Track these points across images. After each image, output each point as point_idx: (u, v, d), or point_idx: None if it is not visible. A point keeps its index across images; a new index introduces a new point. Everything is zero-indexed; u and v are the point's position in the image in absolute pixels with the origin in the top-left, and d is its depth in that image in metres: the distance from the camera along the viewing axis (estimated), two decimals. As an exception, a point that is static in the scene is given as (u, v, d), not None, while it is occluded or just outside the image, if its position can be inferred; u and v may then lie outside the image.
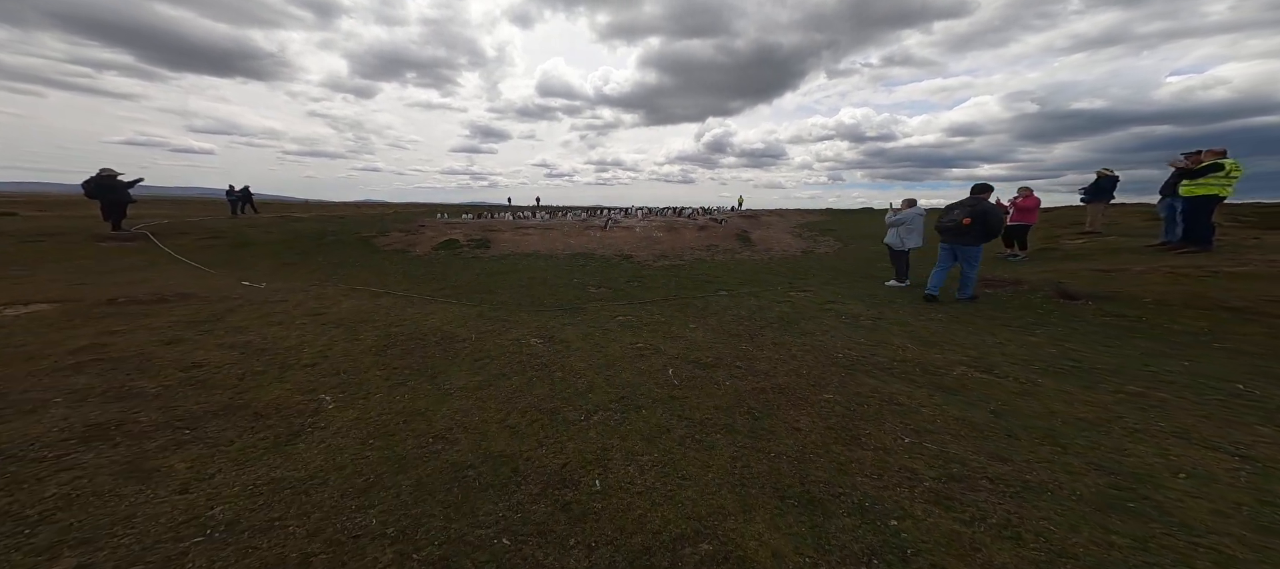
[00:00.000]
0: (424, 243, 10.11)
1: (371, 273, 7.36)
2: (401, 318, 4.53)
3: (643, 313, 4.96)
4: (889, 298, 5.42)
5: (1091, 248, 7.80)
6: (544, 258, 9.35)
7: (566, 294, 6.02)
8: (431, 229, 12.03)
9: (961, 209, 4.98)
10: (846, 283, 6.53)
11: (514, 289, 6.33)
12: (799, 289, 6.12)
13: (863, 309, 4.87)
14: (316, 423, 2.39)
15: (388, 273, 7.38)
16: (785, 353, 3.56)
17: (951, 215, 5.04)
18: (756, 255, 10.45)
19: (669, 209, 22.21)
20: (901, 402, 2.65)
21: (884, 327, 4.20)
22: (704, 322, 4.56)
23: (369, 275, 7.12)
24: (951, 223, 4.99)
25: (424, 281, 6.77)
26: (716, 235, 13.10)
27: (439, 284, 6.64)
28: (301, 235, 10.22)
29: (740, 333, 4.14)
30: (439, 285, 6.53)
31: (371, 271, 7.46)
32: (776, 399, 2.76)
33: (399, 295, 5.75)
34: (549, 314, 4.94)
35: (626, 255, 9.94)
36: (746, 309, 5.04)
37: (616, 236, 12.64)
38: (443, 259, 8.85)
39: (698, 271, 7.89)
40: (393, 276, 7.08)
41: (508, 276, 7.27)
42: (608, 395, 2.85)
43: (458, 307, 5.23)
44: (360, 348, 3.48)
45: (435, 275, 7.29)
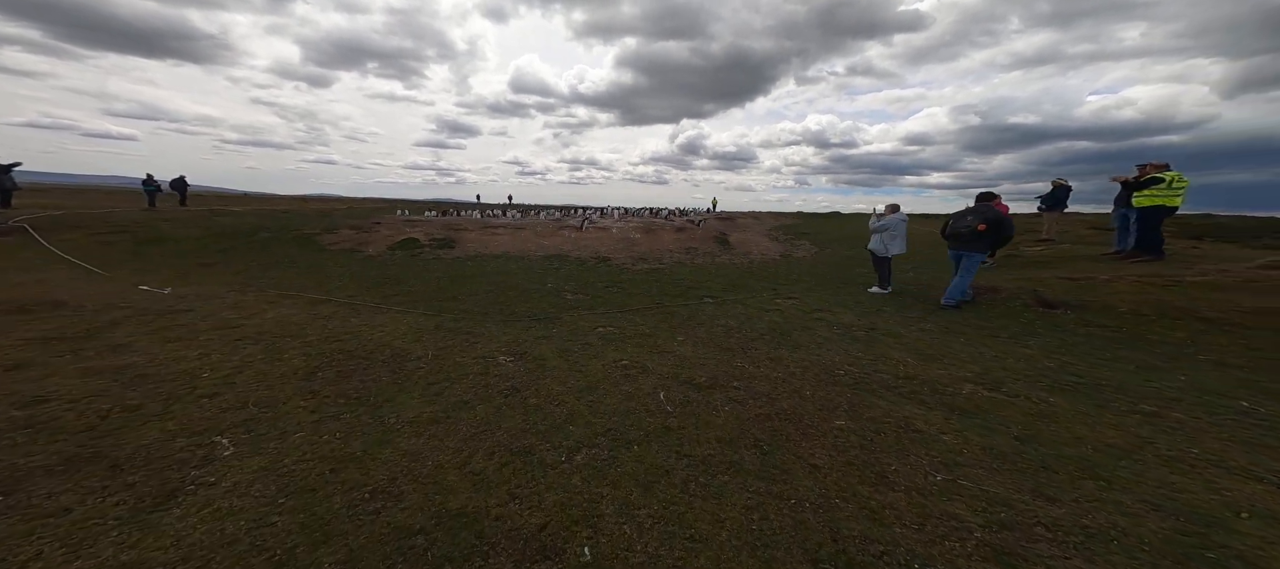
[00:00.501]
0: (378, 242, 9.21)
1: (311, 276, 6.51)
2: (341, 331, 3.91)
3: (625, 323, 4.58)
4: (875, 306, 5.34)
5: (1050, 255, 8.19)
6: (515, 260, 8.75)
7: (540, 301, 5.53)
8: (388, 227, 11.06)
9: (975, 215, 4.95)
10: (830, 289, 6.44)
11: (481, 295, 5.75)
12: (785, 296, 5.95)
13: (853, 318, 4.73)
14: (204, 477, 1.84)
15: (332, 276, 6.56)
16: (783, 370, 3.30)
17: (965, 221, 5.00)
18: (736, 259, 10.32)
19: (645, 210, 21.95)
20: (919, 427, 2.42)
21: (878, 339, 4.04)
22: (692, 333, 4.24)
23: (307, 279, 6.29)
24: (965, 228, 4.95)
25: (375, 286, 6.03)
26: (695, 238, 12.91)
27: (393, 289, 5.94)
28: (228, 231, 9.04)
29: (732, 346, 3.85)
30: (393, 291, 5.84)
31: (311, 274, 6.61)
32: (784, 428, 2.46)
33: (342, 303, 5.05)
34: (521, 325, 4.46)
35: (604, 258, 9.51)
36: (735, 318, 4.77)
37: (593, 237, 12.17)
38: (399, 260, 8.04)
39: (679, 276, 7.60)
40: (337, 280, 6.29)
41: (474, 281, 6.66)
42: (593, 427, 2.45)
43: (413, 316, 4.62)
44: (282, 371, 2.88)
45: (389, 279, 6.55)
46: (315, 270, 6.84)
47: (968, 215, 5.08)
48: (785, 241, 14.74)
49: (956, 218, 5.18)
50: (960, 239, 5.04)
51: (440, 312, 4.88)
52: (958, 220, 5.15)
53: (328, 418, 2.37)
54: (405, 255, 8.55)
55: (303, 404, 2.49)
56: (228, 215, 11.40)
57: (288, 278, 6.30)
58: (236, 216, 11.15)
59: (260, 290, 5.37)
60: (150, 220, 9.80)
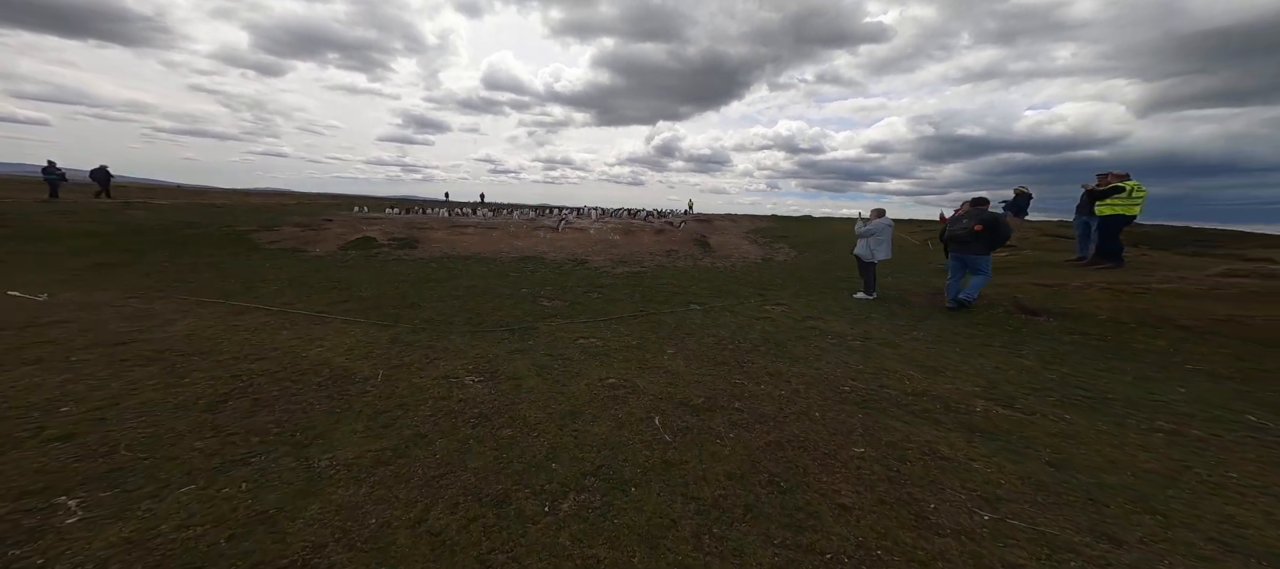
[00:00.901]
0: (327, 240, 8.32)
1: (241, 279, 5.68)
2: (268, 346, 3.31)
3: (609, 334, 4.20)
4: (864, 312, 5.24)
5: (1016, 261, 8.54)
6: (485, 262, 8.15)
7: (513, 308, 5.05)
8: (341, 224, 10.10)
9: (971, 218, 5.11)
10: (816, 295, 6.34)
11: (445, 302, 5.19)
12: (773, 302, 5.76)
13: (846, 327, 4.58)
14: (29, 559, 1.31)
15: (266, 280, 5.75)
16: (785, 387, 3.04)
17: (961, 224, 5.17)
18: (718, 262, 10.16)
19: (623, 211, 21.59)
20: (945, 453, 2.20)
21: (875, 349, 3.88)
22: (682, 345, 3.93)
23: (234, 284, 5.46)
24: (963, 230, 5.11)
25: (318, 292, 5.32)
26: (675, 240, 12.69)
27: (340, 295, 5.26)
28: (141, 228, 7.90)
29: (727, 360, 3.56)
30: (340, 297, 5.16)
31: (241, 278, 5.77)
32: (799, 458, 2.18)
33: (274, 311, 4.37)
34: (491, 337, 3.99)
35: (581, 260, 9.07)
36: (726, 328, 4.50)
37: (570, 239, 11.68)
38: (352, 261, 7.26)
39: (661, 280, 7.30)
40: (272, 285, 5.51)
41: (438, 285, 6.06)
42: (580, 464, 2.07)
43: (362, 327, 4.04)
44: (179, 400, 2.32)
45: (337, 283, 5.83)
46: (246, 273, 5.98)
47: (964, 219, 5.20)
48: (764, 245, 14.82)
49: (954, 221, 5.33)
50: (959, 241, 5.19)
51: (396, 321, 4.31)
52: (955, 224, 5.28)
53: (233, 463, 1.86)
54: (359, 256, 7.75)
55: (200, 445, 1.96)
56: (145, 209, 10.04)
57: (210, 282, 5.46)
58: (155, 211, 9.84)
59: (171, 297, 4.56)
60: (44, 213, 8.42)
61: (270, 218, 9.94)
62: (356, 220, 11.47)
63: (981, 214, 5.08)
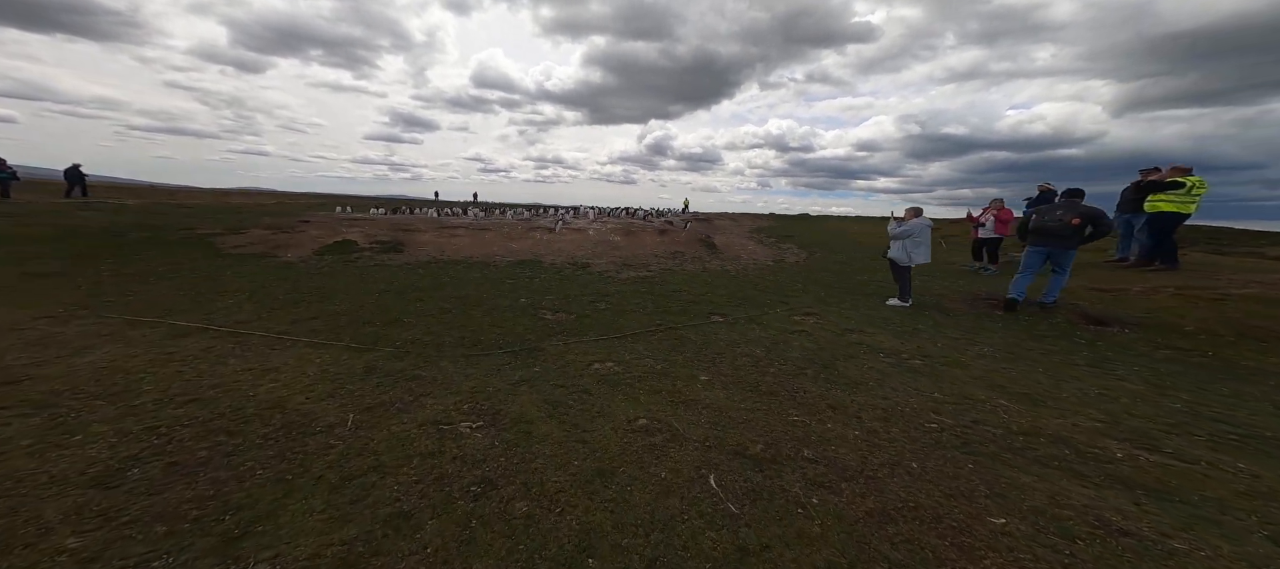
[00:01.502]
0: (302, 244, 7.60)
1: (192, 292, 4.96)
2: (206, 382, 2.68)
3: (626, 355, 3.62)
4: (907, 323, 4.72)
5: (1048, 263, 8.13)
6: (478, 267, 7.51)
7: (512, 324, 4.43)
8: (319, 226, 9.37)
9: (1067, 210, 4.70)
10: (845, 302, 5.81)
11: (433, 317, 4.56)
12: (801, 311, 5.23)
13: (894, 341, 4.05)
14: None
15: (223, 292, 5.04)
16: (858, 424, 2.49)
17: (1054, 216, 4.75)
18: (727, 264, 9.62)
19: (622, 210, 21.01)
20: (1120, 525, 1.66)
21: (942, 370, 3.35)
22: (715, 368, 3.36)
23: (185, 297, 4.74)
24: (1056, 223, 4.70)
25: (284, 306, 4.63)
26: (679, 241, 12.14)
27: (310, 310, 4.59)
28: (88, 231, 7.10)
29: (773, 388, 3.01)
30: (309, 312, 4.49)
31: (193, 290, 5.04)
32: (922, 536, 1.62)
33: (226, 332, 3.71)
34: (489, 362, 3.38)
35: (583, 264, 8.47)
36: (758, 344, 3.95)
37: (568, 240, 11.07)
38: (327, 269, 6.56)
39: (672, 286, 6.73)
40: (229, 299, 4.80)
41: (425, 296, 5.41)
42: (626, 559, 1.48)
43: (332, 353, 3.41)
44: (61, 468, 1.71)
45: (307, 295, 5.15)
46: (200, 285, 5.25)
47: (1057, 210, 4.78)
48: (770, 245, 14.35)
49: (1045, 212, 4.89)
50: (1049, 235, 4.78)
51: (374, 343, 3.68)
52: (1046, 215, 4.83)
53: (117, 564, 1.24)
54: (336, 262, 7.06)
55: (72, 545, 1.33)
56: (98, 210, 9.22)
57: (156, 295, 4.74)
58: (109, 212, 9.02)
59: (101, 316, 3.87)
60: (-20, 215, 7.61)
61: (240, 219, 9.18)
62: (337, 222, 10.73)
63: (1079, 207, 4.65)
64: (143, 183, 34.78)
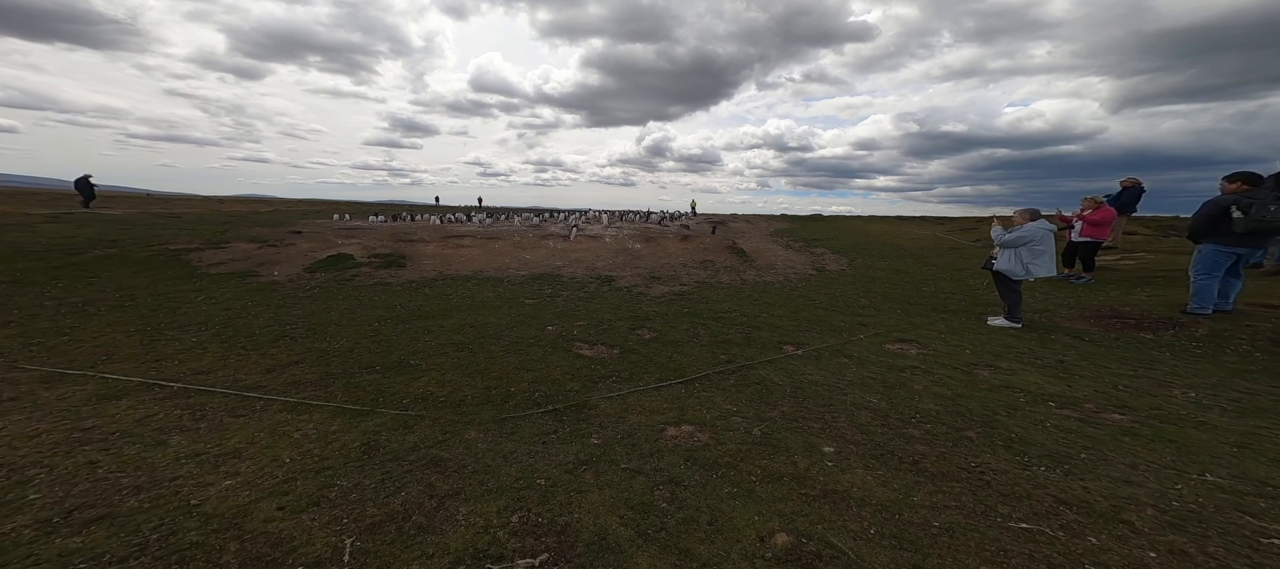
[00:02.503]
0: (291, 260, 6.80)
1: (145, 327, 4.10)
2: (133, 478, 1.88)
3: (705, 410, 2.78)
4: (1045, 353, 3.83)
5: (1145, 267, 7.20)
6: (491, 284, 6.68)
7: (545, 364, 3.59)
8: (312, 237, 8.59)
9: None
10: (937, 323, 4.92)
11: (446, 355, 3.72)
12: (894, 338, 4.35)
13: (1054, 383, 3.17)
14: None
15: (185, 326, 4.19)
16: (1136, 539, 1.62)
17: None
18: (765, 275, 8.73)
19: (634, 213, 20.18)
20: None
21: (1168, 430, 2.47)
22: (835, 431, 2.50)
23: (134, 333, 3.88)
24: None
25: (258, 347, 3.78)
26: (704, 246, 11.28)
27: (291, 350, 3.76)
28: (42, 248, 6.28)
29: (944, 467, 2.15)
30: (290, 353, 3.66)
31: (147, 324, 4.18)
32: None
33: (175, 389, 2.88)
34: (529, 428, 2.54)
35: (606, 276, 7.63)
36: (869, 389, 3.08)
37: (585, 248, 10.25)
38: (318, 290, 5.74)
39: (716, 304, 5.87)
40: (191, 336, 3.96)
41: (434, 326, 4.58)
42: None
43: (317, 420, 2.58)
44: None
45: (291, 328, 4.31)
46: (159, 316, 4.39)
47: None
48: (800, 250, 13.42)
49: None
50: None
51: (375, 402, 2.85)
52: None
53: None
54: (329, 281, 6.24)
55: None
56: (67, 222, 8.46)
57: (97, 333, 3.90)
58: (76, 223, 8.26)
59: (11, 367, 3.04)
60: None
61: (223, 230, 8.39)
62: (333, 231, 9.96)
63: None
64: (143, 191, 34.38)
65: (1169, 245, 8.95)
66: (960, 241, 15.65)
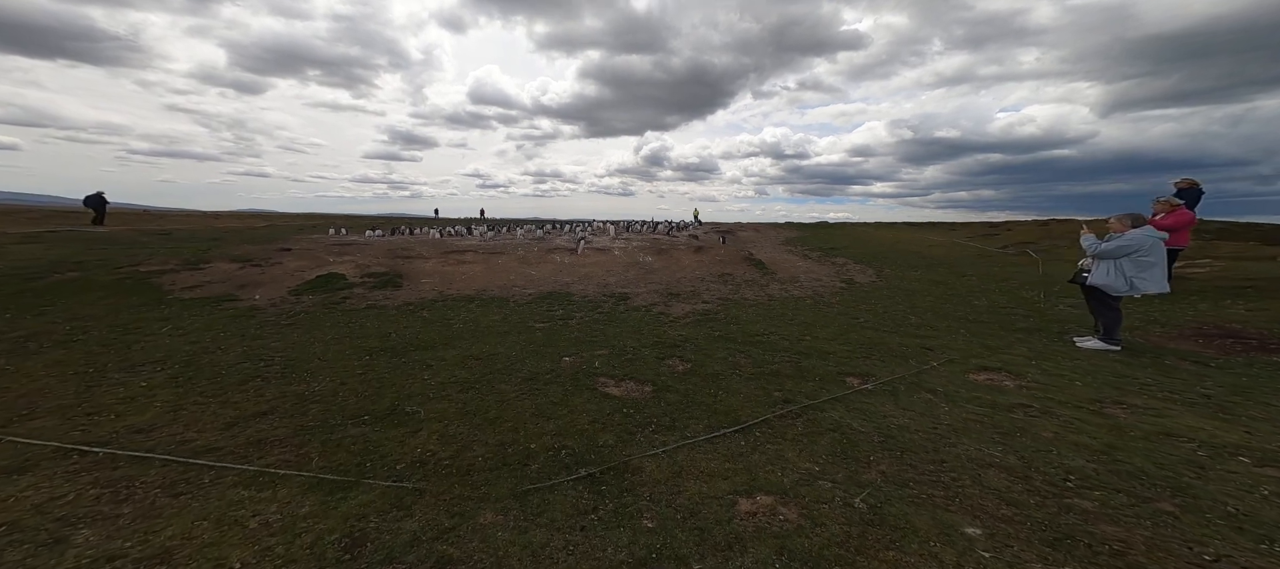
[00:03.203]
0: (276, 281, 6.22)
1: (88, 370, 3.38)
2: None
3: (779, 472, 2.19)
4: (1183, 384, 3.22)
5: (1222, 276, 6.62)
6: (497, 305, 6.10)
7: (567, 409, 2.99)
8: (301, 255, 8.04)
9: None
10: (1014, 345, 4.33)
11: (450, 400, 3.11)
12: (975, 366, 3.75)
13: (1219, 429, 2.56)
14: None
15: (138, 365, 3.50)
16: None
17: None
18: (791, 289, 8.16)
19: (640, 223, 19.71)
20: None
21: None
22: (967, 503, 1.91)
23: (73, 378, 3.18)
24: None
25: (224, 391, 3.15)
26: (719, 258, 10.73)
27: (262, 395, 3.16)
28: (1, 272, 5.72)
29: (1149, 561, 1.53)
30: (260, 400, 3.05)
31: (91, 366, 3.44)
32: None
33: (102, 456, 2.28)
34: (559, 506, 1.96)
35: (620, 294, 7.05)
36: (983, 438, 2.48)
37: (594, 262, 9.70)
38: (302, 317, 5.15)
39: (749, 325, 5.27)
40: (145, 377, 3.32)
41: (435, 359, 3.98)
42: None
43: (286, 496, 1.99)
44: None
45: (265, 366, 3.70)
46: (109, 353, 3.73)
47: None
48: (818, 260, 12.85)
49: None
50: None
51: (362, 468, 2.25)
52: None
53: None
54: (317, 306, 5.66)
55: None
56: (42, 242, 7.92)
57: (31, 376, 3.21)
58: (47, 244, 7.72)
59: None
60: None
61: (206, 248, 7.84)
62: (325, 248, 9.43)
63: None
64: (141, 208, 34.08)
65: (1229, 251, 8.39)
66: (986, 249, 15.11)
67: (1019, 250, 13.93)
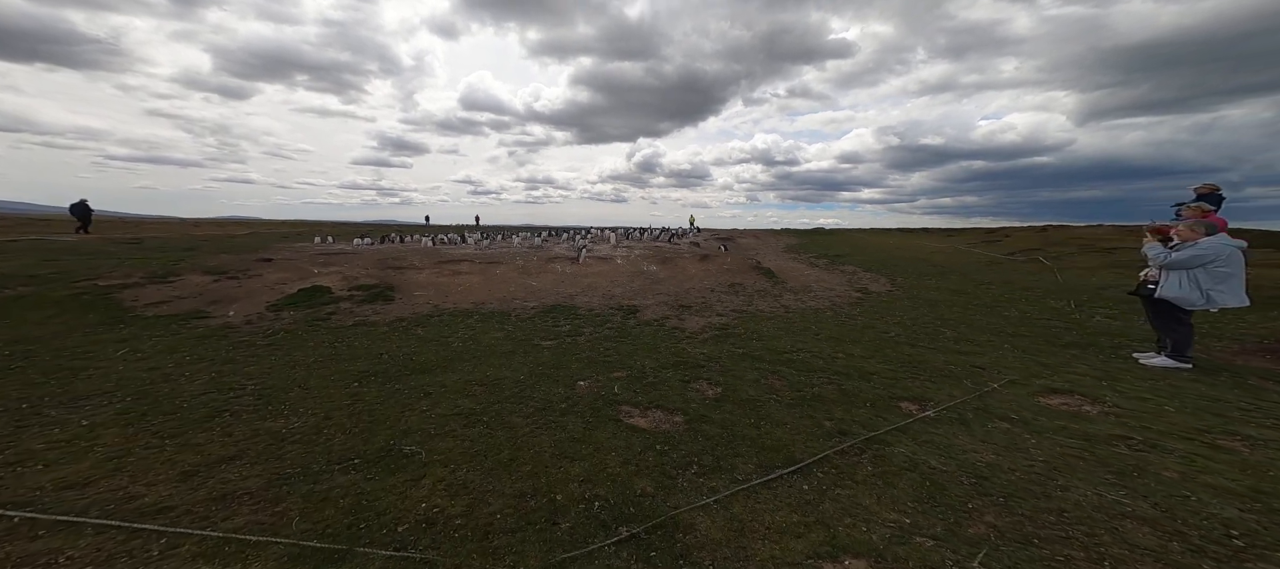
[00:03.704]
0: (253, 295, 5.72)
1: (24, 401, 2.83)
2: None
3: (859, 524, 1.85)
4: (1266, 406, 2.92)
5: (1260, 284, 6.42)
6: (497, 320, 5.67)
7: (588, 442, 2.59)
8: (283, 266, 7.52)
9: None
10: (1073, 362, 4.02)
11: (455, 438, 2.68)
12: (1038, 386, 3.43)
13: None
14: None
15: (82, 397, 2.97)
16: None
17: None
18: (806, 299, 7.84)
19: (641, 230, 19.41)
20: None
21: None
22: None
23: (4, 411, 2.82)
24: None
25: (186, 427, 2.68)
26: (727, 267, 10.41)
27: (231, 437, 2.70)
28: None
29: None
30: (227, 442, 2.60)
31: (28, 397, 2.94)
32: None
33: (17, 518, 1.84)
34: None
35: (629, 307, 6.67)
36: (1096, 480, 2.14)
37: (597, 272, 9.32)
38: (283, 337, 4.66)
39: (774, 343, 4.91)
40: (88, 411, 2.83)
41: (433, 385, 3.54)
42: None
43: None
44: None
45: (236, 397, 3.23)
46: (51, 382, 3.18)
47: None
48: (827, 268, 12.61)
49: None
50: None
51: (352, 532, 1.82)
52: None
53: None
54: (299, 322, 5.17)
55: None
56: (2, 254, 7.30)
57: None
58: (12, 255, 7.10)
59: None
60: None
61: (178, 259, 7.28)
62: (311, 258, 8.90)
63: None
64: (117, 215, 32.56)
65: (1260, 258, 8.31)
66: (994, 256, 15.03)
67: (1028, 257, 13.88)
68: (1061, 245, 16.51)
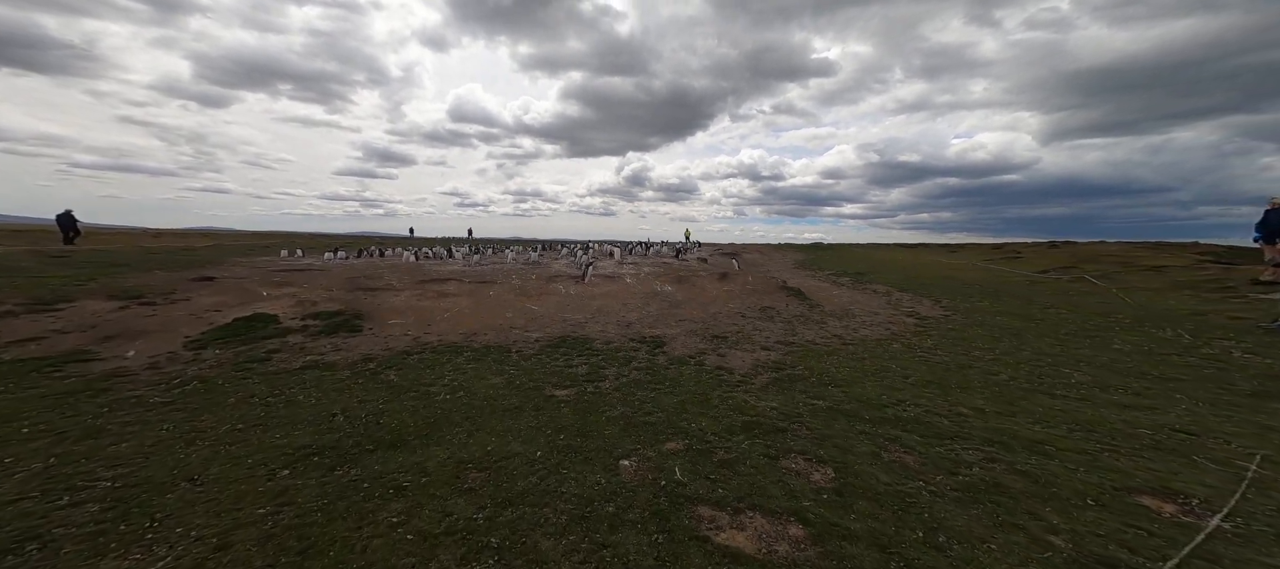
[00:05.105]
0: (172, 326, 4.44)
1: None
2: None
3: None
4: None
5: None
6: (494, 359, 4.51)
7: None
8: (224, 287, 6.24)
9: None
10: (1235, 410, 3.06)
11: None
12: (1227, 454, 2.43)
13: None
14: None
15: None
16: None
17: None
18: (854, 327, 6.84)
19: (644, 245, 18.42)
20: None
21: None
22: None
23: None
24: None
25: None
26: (750, 287, 9.41)
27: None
28: None
29: None
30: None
31: None
32: None
33: None
34: None
35: (651, 338, 5.60)
36: None
37: (606, 294, 8.23)
38: (196, 389, 3.39)
39: (853, 389, 3.85)
40: None
41: (407, 468, 2.38)
42: None
43: None
44: None
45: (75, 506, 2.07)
46: None
47: None
48: (854, 286, 11.65)
49: None
50: None
51: None
52: None
53: None
54: (224, 366, 3.92)
55: None
56: None
57: None
58: None
59: None
60: None
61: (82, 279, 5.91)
62: (264, 276, 7.63)
63: None
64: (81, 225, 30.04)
65: None
66: (1030, 275, 14.31)
67: (1072, 277, 13.17)
68: (1091, 263, 15.96)
